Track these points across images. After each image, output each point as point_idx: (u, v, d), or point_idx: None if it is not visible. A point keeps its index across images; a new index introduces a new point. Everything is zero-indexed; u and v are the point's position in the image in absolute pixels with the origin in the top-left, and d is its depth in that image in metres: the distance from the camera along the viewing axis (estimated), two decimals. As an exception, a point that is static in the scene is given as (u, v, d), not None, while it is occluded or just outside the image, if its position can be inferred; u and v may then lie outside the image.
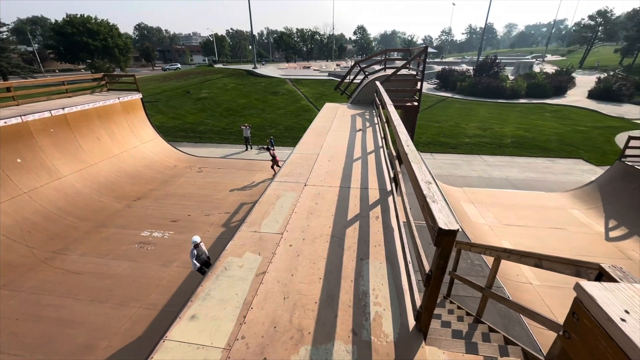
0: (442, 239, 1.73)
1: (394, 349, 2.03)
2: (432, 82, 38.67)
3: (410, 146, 3.24)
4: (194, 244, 6.19)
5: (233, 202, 10.07)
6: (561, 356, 0.66)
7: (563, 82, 31.50)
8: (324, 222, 3.49)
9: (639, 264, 7.16)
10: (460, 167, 14.32)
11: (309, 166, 5.17)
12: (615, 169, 10.00)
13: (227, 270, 2.74)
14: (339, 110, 10.07)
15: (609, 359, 0.51)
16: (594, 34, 57.74)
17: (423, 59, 10.19)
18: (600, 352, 0.53)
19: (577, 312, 0.59)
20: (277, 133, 19.88)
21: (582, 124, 21.03)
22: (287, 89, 32.26)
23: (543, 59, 63.81)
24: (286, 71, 48.55)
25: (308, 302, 2.39)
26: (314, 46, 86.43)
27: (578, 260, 1.92)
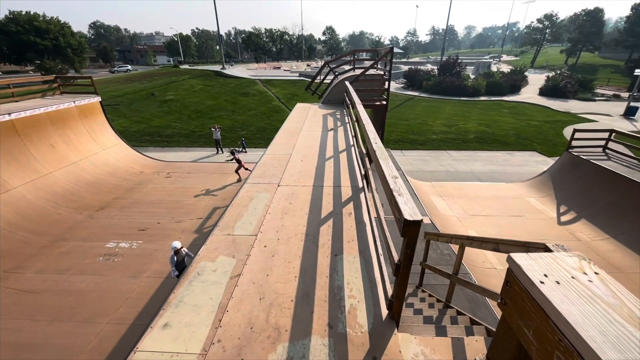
0: (408, 229, 1.82)
1: (369, 338, 2.11)
2: (399, 82, 39.99)
3: (378, 143, 3.36)
4: (174, 249, 5.95)
5: (205, 207, 9.78)
6: (501, 322, 0.75)
7: (517, 81, 33.93)
8: (299, 222, 3.52)
9: (586, 244, 7.92)
10: (429, 163, 14.96)
11: (281, 167, 5.17)
12: (563, 159, 10.97)
13: (200, 275, 2.69)
14: (311, 110, 10.13)
15: (532, 316, 0.60)
16: (542, 36, 62.81)
17: (389, 59, 10.53)
18: (527, 312, 0.62)
19: (510, 280, 0.68)
20: (248, 134, 19.56)
21: (535, 118, 22.79)
22: (258, 89, 31.83)
23: (499, 59, 68.28)
24: (256, 72, 47.85)
25: (284, 301, 2.42)
26: (284, 46, 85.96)
27: (528, 242, 2.11)
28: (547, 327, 0.56)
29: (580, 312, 0.53)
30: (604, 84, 38.27)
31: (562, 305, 0.54)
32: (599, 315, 0.52)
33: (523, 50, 74.99)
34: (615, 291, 0.58)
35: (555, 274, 0.62)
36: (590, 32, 53.88)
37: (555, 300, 0.56)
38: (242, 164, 11.59)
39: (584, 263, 0.66)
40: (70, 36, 47.37)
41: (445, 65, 35.71)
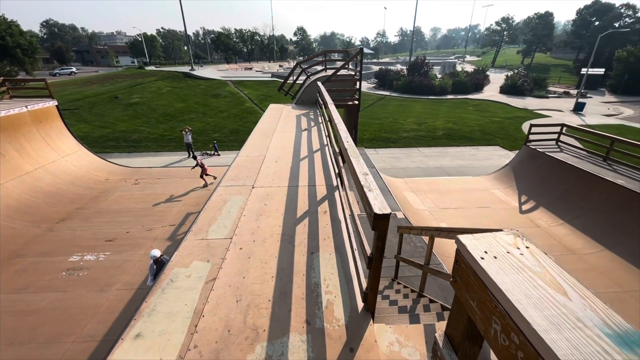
0: (377, 223, 1.91)
1: (346, 331, 2.18)
2: (371, 82, 40.88)
3: (349, 142, 3.45)
4: (153, 258, 5.68)
5: (178, 213, 9.44)
6: (454, 298, 0.83)
7: (480, 80, 35.92)
8: (274, 222, 3.53)
9: (544, 230, 8.58)
10: (401, 160, 15.45)
11: (255, 168, 5.13)
12: (522, 153, 11.78)
13: (173, 282, 2.62)
14: (284, 111, 10.11)
15: (476, 289, 0.68)
16: (500, 38, 66.90)
17: (360, 60, 10.75)
18: (472, 286, 0.70)
19: (458, 260, 0.75)
20: (221, 137, 19.11)
21: (497, 115, 24.26)
22: (229, 91, 31.16)
23: (464, 59, 71.87)
24: (227, 73, 46.79)
25: (262, 301, 2.42)
26: (255, 47, 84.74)
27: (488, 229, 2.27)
28: (486, 297, 0.63)
29: (511, 280, 0.61)
30: (555, 82, 41.52)
31: (497, 276, 0.62)
32: (525, 282, 0.61)
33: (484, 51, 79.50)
34: (541, 261, 0.67)
35: (494, 250, 0.70)
36: (542, 34, 58.22)
37: (492, 272, 0.63)
38: (205, 169, 11.18)
39: (518, 240, 0.75)
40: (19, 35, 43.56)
41: (414, 65, 36.99)
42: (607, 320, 0.52)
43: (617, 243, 7.58)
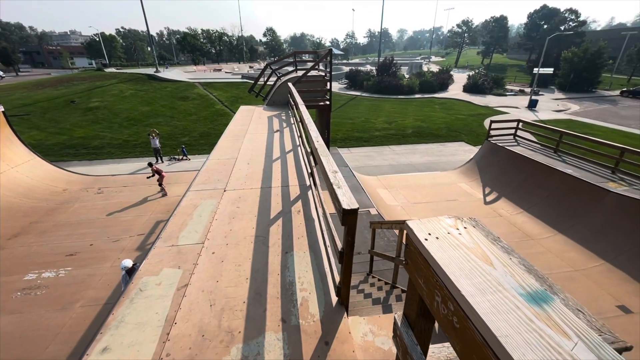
0: (346, 218, 1.98)
1: (321, 325, 2.23)
2: (342, 82, 41.45)
3: (319, 142, 3.51)
4: (125, 269, 5.36)
5: (147, 221, 9.02)
6: (408, 280, 0.91)
7: (445, 79, 37.69)
8: (247, 224, 3.50)
9: (506, 219, 9.20)
10: (374, 158, 15.84)
11: (227, 171, 5.05)
12: (485, 147, 12.55)
13: (142, 291, 2.53)
14: (255, 112, 10.00)
15: (422, 268, 0.75)
16: (462, 39, 70.60)
17: (329, 61, 10.90)
18: (419, 266, 0.77)
19: (408, 243, 0.83)
20: (191, 141, 18.48)
21: (461, 113, 25.59)
22: (198, 93, 30.20)
23: (429, 59, 74.98)
24: (195, 74, 45.28)
25: (236, 304, 2.41)
26: (224, 48, 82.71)
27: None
28: (430, 273, 0.71)
29: (449, 256, 0.69)
30: (512, 81, 44.57)
31: (437, 253, 0.70)
32: (460, 257, 0.69)
33: (448, 51, 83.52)
34: (475, 239, 0.76)
35: (437, 232, 0.78)
36: (499, 37, 62.25)
37: (433, 251, 0.71)
38: (163, 176, 10.53)
39: (457, 222, 0.84)
40: (-46, 35, 39.25)
41: (383, 65, 38.02)
42: (522, 283, 0.61)
43: (568, 227, 8.31)
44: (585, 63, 35.64)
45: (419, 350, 0.82)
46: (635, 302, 6.11)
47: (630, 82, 41.98)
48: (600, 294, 6.34)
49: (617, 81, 43.40)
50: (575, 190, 8.79)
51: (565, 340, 0.48)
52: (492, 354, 0.50)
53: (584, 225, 8.09)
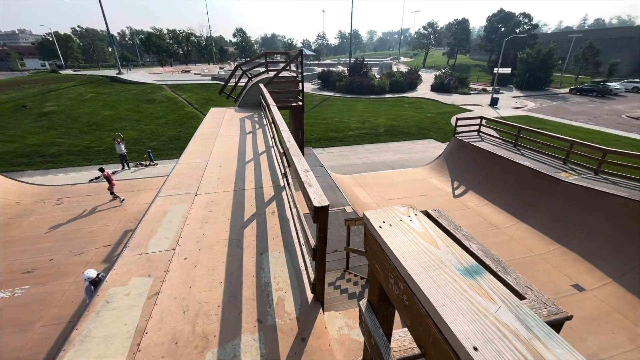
0: (318, 215, 2.02)
1: (297, 323, 2.26)
2: (315, 83, 41.65)
3: (291, 142, 3.53)
4: (89, 280, 5.01)
5: (114, 231, 8.54)
6: (369, 267, 0.96)
7: (414, 79, 39.05)
8: (221, 228, 3.45)
9: (473, 210, 9.72)
10: (348, 157, 16.09)
11: (198, 175, 4.92)
12: (452, 144, 13.18)
13: (109, 303, 2.42)
14: (227, 114, 9.81)
15: (378, 253, 0.81)
16: (428, 41, 73.48)
17: (300, 61, 10.93)
18: (375, 252, 0.83)
19: (366, 231, 0.89)
20: (160, 145, 17.73)
21: (429, 111, 26.66)
22: (166, 95, 29.02)
23: (398, 60, 77.28)
24: (162, 76, 43.47)
25: (211, 308, 2.37)
26: (192, 49, 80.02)
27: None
28: (384, 258, 0.77)
29: (399, 241, 0.75)
30: (475, 80, 47.09)
31: (389, 239, 0.76)
32: (409, 241, 0.75)
33: (415, 52, 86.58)
34: (423, 224, 0.83)
35: (390, 219, 0.84)
36: (462, 38, 65.51)
37: (386, 237, 0.77)
38: (113, 183, 9.99)
39: (410, 210, 0.91)
40: None
41: (354, 66, 38.67)
42: (461, 260, 0.68)
43: (528, 215, 8.95)
44: (538, 63, 38.48)
45: (381, 332, 0.88)
46: (587, 280, 6.71)
47: (578, 81, 45.88)
48: (558, 275, 6.89)
49: (567, 80, 47.27)
50: (533, 181, 9.49)
51: (491, 304, 0.55)
52: (433, 323, 0.56)
53: (542, 213, 8.75)
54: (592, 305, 6.13)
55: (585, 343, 5.41)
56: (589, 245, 7.40)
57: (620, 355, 5.20)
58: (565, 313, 1.42)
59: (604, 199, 7.77)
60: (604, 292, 6.37)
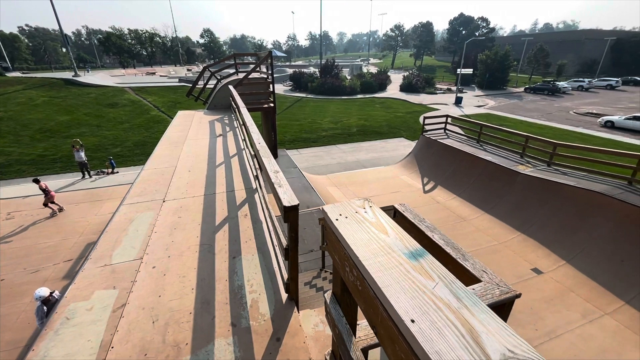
0: (288, 214, 2.04)
1: (272, 323, 2.26)
2: (287, 84, 41.51)
3: (261, 143, 3.52)
4: (40, 299, 4.60)
5: (75, 245, 7.99)
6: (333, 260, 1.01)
7: (383, 80, 40.15)
8: (191, 234, 3.36)
9: (442, 204, 10.19)
10: (322, 158, 16.21)
11: (165, 180, 4.75)
12: (420, 142, 13.72)
13: (70, 319, 2.28)
14: (195, 117, 9.53)
15: (335, 245, 0.86)
16: (396, 43, 75.86)
17: (270, 63, 10.86)
18: (333, 244, 0.87)
19: (324, 225, 0.93)
20: (124, 151, 16.79)
21: (399, 111, 27.54)
22: (129, 99, 27.55)
23: (368, 61, 79.04)
24: (124, 78, 41.21)
25: (182, 316, 2.31)
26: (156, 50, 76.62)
27: (385, 207, 2.65)
28: (340, 248, 0.81)
29: (353, 230, 0.80)
30: (440, 80, 49.32)
31: (344, 229, 0.81)
32: (362, 231, 0.81)
33: (384, 54, 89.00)
34: (377, 215, 0.89)
35: (346, 212, 0.89)
36: (427, 40, 68.36)
37: (341, 227, 0.82)
38: (51, 195, 9.23)
39: (365, 203, 0.97)
40: None
41: (325, 67, 39.03)
42: (407, 245, 0.75)
43: (492, 207, 9.53)
44: (496, 64, 41.11)
45: (344, 321, 0.93)
46: (545, 264, 7.29)
47: (531, 80, 49.55)
48: (519, 261, 7.42)
49: (522, 79, 50.87)
50: (495, 174, 10.12)
51: (430, 282, 0.61)
52: (380, 303, 0.61)
53: (503, 204, 9.36)
54: (549, 287, 6.66)
55: (544, 321, 5.87)
56: (545, 232, 8.03)
57: (575, 330, 5.70)
58: (514, 292, 1.55)
59: (556, 188, 8.47)
60: (559, 274, 6.95)
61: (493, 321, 0.50)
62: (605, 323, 5.77)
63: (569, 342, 5.43)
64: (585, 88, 41.90)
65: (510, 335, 0.48)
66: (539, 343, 5.44)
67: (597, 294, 6.32)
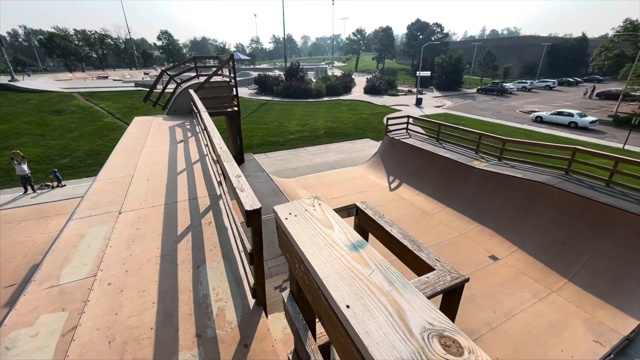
0: (250, 218, 2.03)
1: (239, 330, 2.22)
2: (252, 88, 40.89)
3: (223, 148, 3.46)
4: None
5: (17, 269, 7.18)
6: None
7: (348, 83, 41.05)
8: (151, 245, 3.19)
9: (408, 201, 10.64)
10: (291, 161, 16.18)
11: (121, 191, 4.46)
12: (385, 142, 14.23)
13: (10, 349, 2.06)
14: (154, 123, 9.05)
15: (286, 243, 0.89)
16: (358, 46, 78.00)
17: (232, 66, 10.65)
18: (284, 242, 0.90)
19: (276, 224, 0.96)
20: (75, 162, 15.46)
21: (364, 112, 28.32)
22: (79, 105, 25.46)
23: (333, 65, 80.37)
24: (72, 83, 38.01)
25: (142, 333, 2.19)
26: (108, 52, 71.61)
27: (348, 205, 2.72)
28: (290, 245, 0.84)
29: (301, 227, 0.84)
30: (402, 82, 51.54)
31: (292, 227, 0.84)
32: (310, 227, 0.84)
33: (348, 57, 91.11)
34: (324, 211, 0.93)
35: (296, 211, 0.93)
36: (387, 44, 71.13)
37: (290, 225, 0.85)
38: None
39: (315, 201, 1.01)
40: None
41: (290, 70, 39.02)
42: (350, 238, 0.80)
43: (452, 201, 10.14)
44: (451, 67, 43.89)
45: (300, 317, 0.95)
46: (500, 250, 7.90)
47: (483, 82, 53.54)
48: (477, 249, 7.97)
49: (474, 81, 54.80)
50: (454, 170, 10.79)
51: (367, 269, 0.66)
52: (322, 294, 0.64)
53: (462, 197, 10.01)
54: (505, 271, 7.23)
55: (502, 304, 6.36)
56: (499, 221, 8.71)
57: (527, 309, 6.24)
58: (463, 277, 1.68)
59: (506, 180, 9.24)
60: (512, 259, 7.58)
61: (418, 299, 0.56)
62: (552, 300, 6.39)
63: (523, 321, 5.93)
64: (528, 89, 46.18)
65: (431, 310, 0.53)
66: (497, 324, 5.89)
67: (544, 275, 6.98)
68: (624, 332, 5.59)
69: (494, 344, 5.48)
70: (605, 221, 7.06)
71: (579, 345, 5.42)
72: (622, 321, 5.78)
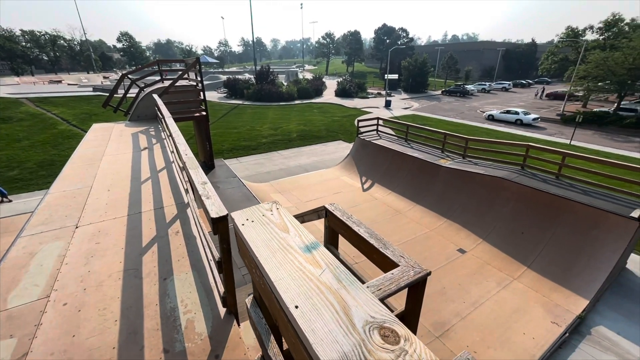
0: (217, 226, 1.98)
1: (209, 341, 2.16)
2: (221, 91, 39.93)
3: (188, 154, 3.35)
4: None
5: (-43, 294, 6.42)
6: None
7: (319, 86, 41.40)
8: (112, 260, 3.02)
9: (380, 200, 10.91)
10: (264, 165, 15.99)
11: (78, 203, 4.17)
12: (357, 143, 14.51)
13: (-53, 385, 1.85)
14: (115, 130, 8.55)
15: (244, 249, 0.89)
16: (328, 50, 79.02)
17: (199, 70, 10.35)
18: (242, 248, 0.91)
19: (235, 231, 0.96)
20: (24, 174, 14.17)
21: (336, 115, 28.70)
22: (28, 111, 23.41)
23: (303, 68, 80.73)
24: (19, 88, 34.87)
25: (103, 354, 2.07)
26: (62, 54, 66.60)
27: (317, 207, 2.76)
28: (246, 251, 0.85)
29: (257, 233, 0.85)
30: (371, 85, 52.88)
31: (249, 233, 0.85)
32: (265, 232, 0.86)
33: (318, 61, 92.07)
34: (282, 215, 0.95)
35: (254, 216, 0.94)
36: (356, 48, 72.79)
37: (246, 231, 0.86)
38: None
39: (273, 206, 1.02)
40: None
41: (260, 74, 38.62)
42: (304, 240, 0.82)
43: (421, 199, 10.55)
44: (417, 70, 45.82)
45: (263, 322, 0.96)
46: (467, 244, 8.34)
47: (446, 84, 56.40)
48: (447, 244, 8.35)
49: (439, 84, 57.58)
50: (422, 169, 11.24)
51: (318, 270, 0.68)
52: (275, 297, 0.66)
53: (431, 195, 10.45)
54: (472, 263, 7.64)
55: (470, 294, 6.71)
56: (465, 216, 9.20)
57: (493, 297, 6.64)
58: (425, 271, 1.77)
59: (469, 177, 9.78)
60: (478, 251, 8.03)
61: (364, 295, 0.59)
62: (514, 287, 6.85)
63: (489, 309, 6.30)
64: (487, 90, 49.35)
65: (374, 304, 0.57)
66: (467, 313, 6.20)
67: (506, 264, 7.47)
68: (576, 311, 6.12)
69: (464, 333, 5.77)
70: (557, 211, 7.70)
71: (538, 327, 5.86)
72: (574, 302, 6.33)
